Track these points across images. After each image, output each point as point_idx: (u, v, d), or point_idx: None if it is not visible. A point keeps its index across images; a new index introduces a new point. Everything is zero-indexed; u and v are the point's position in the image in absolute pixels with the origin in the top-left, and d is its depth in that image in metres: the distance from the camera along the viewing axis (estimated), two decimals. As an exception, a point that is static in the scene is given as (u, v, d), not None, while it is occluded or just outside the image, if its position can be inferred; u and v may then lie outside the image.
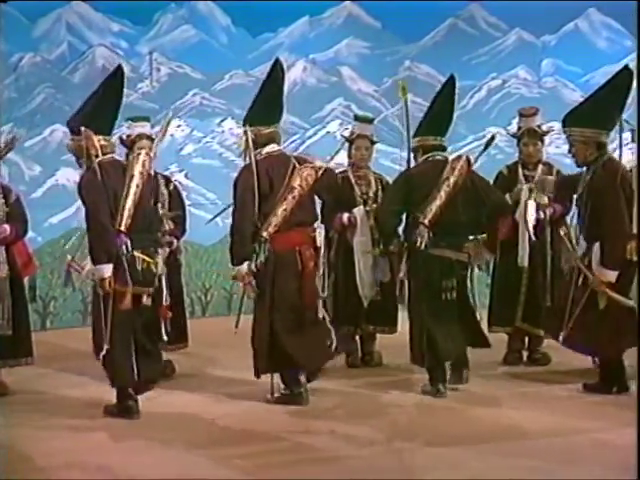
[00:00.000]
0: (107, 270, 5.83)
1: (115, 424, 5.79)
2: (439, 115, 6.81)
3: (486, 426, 5.77)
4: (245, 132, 6.43)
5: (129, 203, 5.92)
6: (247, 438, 5.55)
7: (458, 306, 6.61)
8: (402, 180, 6.79)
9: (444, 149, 6.81)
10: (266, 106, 6.43)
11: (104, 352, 5.89)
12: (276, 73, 6.50)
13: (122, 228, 5.86)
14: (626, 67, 6.59)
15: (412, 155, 6.73)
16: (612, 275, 6.31)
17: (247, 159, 6.39)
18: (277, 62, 6.53)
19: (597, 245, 6.37)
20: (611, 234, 6.34)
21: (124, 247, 5.88)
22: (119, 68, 6.21)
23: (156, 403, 6.32)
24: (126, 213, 5.89)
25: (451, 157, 6.81)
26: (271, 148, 6.41)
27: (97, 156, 5.96)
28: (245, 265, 6.19)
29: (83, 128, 5.95)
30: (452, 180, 6.59)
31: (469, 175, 6.68)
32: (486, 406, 6.28)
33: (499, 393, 6.60)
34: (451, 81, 6.83)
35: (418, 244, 6.47)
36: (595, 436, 5.48)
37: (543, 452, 5.18)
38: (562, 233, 7.13)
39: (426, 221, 6.48)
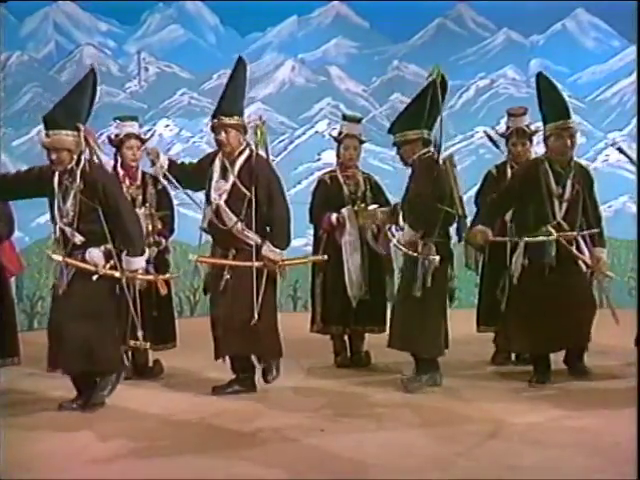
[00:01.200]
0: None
1: (101, 424, 5.77)
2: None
3: (474, 423, 5.76)
4: (258, 126, 6.55)
5: None
6: (235, 438, 5.54)
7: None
8: None
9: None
10: None
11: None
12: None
13: None
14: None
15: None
16: None
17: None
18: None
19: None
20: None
21: None
22: (92, 71, 6.22)
23: (143, 402, 6.31)
24: None
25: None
26: None
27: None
28: None
29: (80, 125, 5.97)
30: None
31: None
32: (475, 405, 6.27)
33: (487, 392, 6.60)
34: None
35: None
36: (584, 436, 5.50)
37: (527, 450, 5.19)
38: None
39: None
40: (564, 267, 6.67)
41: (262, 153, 6.61)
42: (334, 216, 7.42)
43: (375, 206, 7.05)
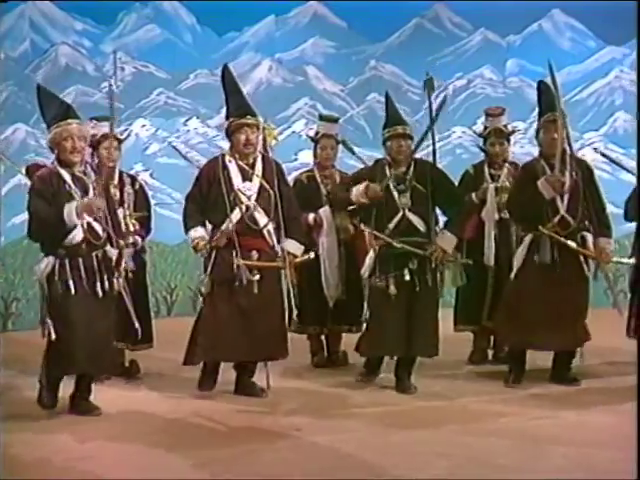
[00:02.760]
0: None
1: (79, 425, 5.74)
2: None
3: (452, 422, 5.77)
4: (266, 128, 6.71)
5: None
6: (212, 438, 5.53)
7: None
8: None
9: None
10: None
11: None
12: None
13: None
14: None
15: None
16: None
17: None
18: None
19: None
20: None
21: None
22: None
23: (120, 403, 6.29)
24: None
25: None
26: None
27: None
28: None
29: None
30: None
31: None
32: (453, 404, 6.28)
33: (465, 391, 6.61)
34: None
35: None
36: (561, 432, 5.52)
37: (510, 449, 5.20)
38: None
39: None
40: (566, 266, 6.65)
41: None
42: (311, 216, 7.41)
43: None
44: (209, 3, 11.09)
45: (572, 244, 6.62)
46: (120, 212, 6.86)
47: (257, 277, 6.36)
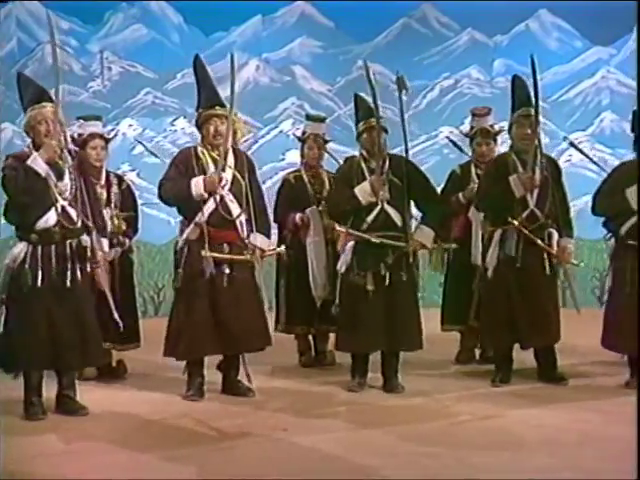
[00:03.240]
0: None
1: (64, 426, 5.72)
2: None
3: (438, 422, 5.78)
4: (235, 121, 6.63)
5: None
6: (200, 438, 5.52)
7: None
8: None
9: None
10: None
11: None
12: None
13: None
14: None
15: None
16: None
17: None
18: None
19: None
20: None
21: None
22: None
23: (107, 403, 6.27)
24: None
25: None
26: None
27: None
28: None
29: None
30: None
31: None
32: (438, 403, 6.29)
33: (451, 391, 6.62)
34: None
35: None
36: (548, 431, 5.54)
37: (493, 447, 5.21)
38: None
39: None
40: (531, 262, 6.69)
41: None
42: (298, 216, 7.42)
43: None
44: (196, 3, 11.09)
45: (539, 242, 6.66)
46: (107, 212, 6.87)
47: (227, 270, 6.35)
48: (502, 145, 8.01)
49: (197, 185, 6.28)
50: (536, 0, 11.84)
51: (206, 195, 6.28)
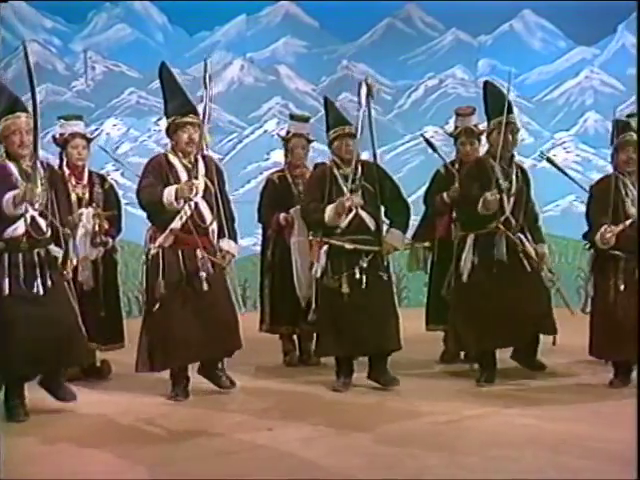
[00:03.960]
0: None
1: (46, 427, 5.69)
2: None
3: (423, 422, 5.78)
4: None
5: None
6: (185, 437, 5.50)
7: None
8: None
9: None
10: None
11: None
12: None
13: None
14: None
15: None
16: None
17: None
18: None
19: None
20: None
21: None
22: None
23: (91, 403, 6.24)
24: None
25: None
26: None
27: None
28: None
29: None
30: None
31: None
32: (423, 403, 6.28)
33: (436, 390, 6.62)
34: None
35: None
36: (531, 430, 5.54)
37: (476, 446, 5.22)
38: None
39: None
40: (512, 263, 6.70)
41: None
42: (282, 216, 7.41)
43: None
44: (180, 3, 11.07)
45: (526, 244, 6.68)
46: (90, 211, 6.85)
47: (204, 275, 6.34)
48: (486, 145, 8.03)
49: (169, 194, 6.24)
50: (520, 0, 11.87)
51: (178, 204, 6.24)
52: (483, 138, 7.76)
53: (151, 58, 11.38)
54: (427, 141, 8.05)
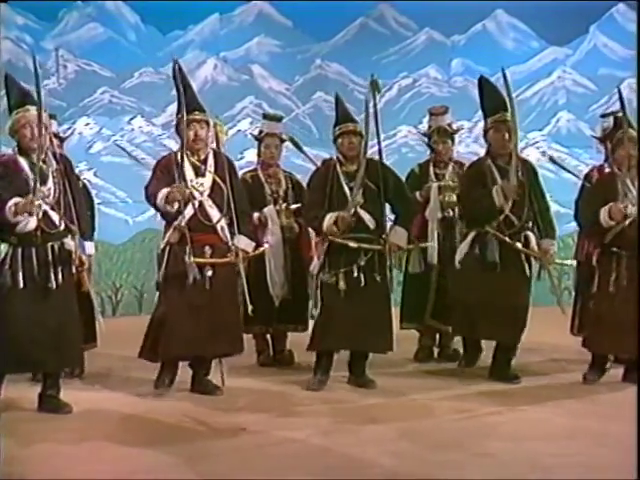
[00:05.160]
0: None
1: (22, 428, 5.66)
2: None
3: (397, 421, 5.79)
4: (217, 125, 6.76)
5: None
6: (157, 436, 5.48)
7: None
8: None
9: None
10: None
11: None
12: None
13: None
14: None
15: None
16: None
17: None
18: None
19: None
20: None
21: None
22: None
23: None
24: None
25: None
26: None
27: None
28: None
29: None
30: None
31: None
32: (397, 402, 6.30)
33: (410, 389, 6.63)
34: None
35: None
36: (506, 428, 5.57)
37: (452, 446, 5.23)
38: None
39: None
40: (508, 266, 6.70)
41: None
42: (255, 215, 7.39)
43: None
44: (153, 2, 11.03)
45: (518, 245, 6.69)
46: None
47: (210, 273, 6.35)
48: (460, 144, 8.07)
49: (161, 198, 6.28)
50: (493, 0, 11.91)
51: (172, 207, 6.26)
52: (457, 137, 7.81)
53: (124, 57, 11.39)
54: (424, 134, 7.95)
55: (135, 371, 6.65)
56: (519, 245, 6.70)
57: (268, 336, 7.67)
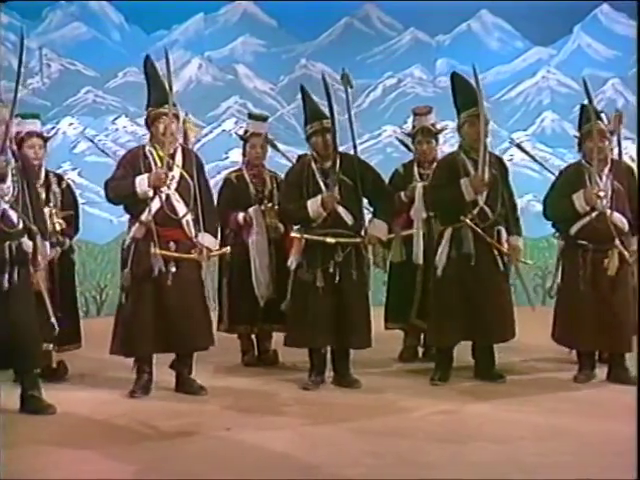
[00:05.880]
0: None
1: (4, 429, 5.64)
2: None
3: (381, 420, 5.80)
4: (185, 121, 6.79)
5: None
6: (142, 437, 5.48)
7: None
8: None
9: None
10: None
11: None
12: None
13: None
14: None
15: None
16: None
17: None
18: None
19: None
20: None
21: None
22: None
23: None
24: None
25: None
26: None
27: None
28: None
29: None
30: None
31: None
32: (381, 401, 6.30)
33: (395, 389, 6.64)
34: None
35: None
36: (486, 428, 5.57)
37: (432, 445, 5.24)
38: None
39: None
40: (486, 260, 6.71)
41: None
42: (241, 215, 7.39)
43: None
44: (137, 2, 11.00)
45: (489, 239, 6.69)
46: (46, 210, 6.78)
47: (173, 269, 6.34)
48: (444, 144, 8.07)
49: (142, 182, 6.29)
50: (478, 0, 11.92)
51: (151, 192, 6.27)
52: (441, 137, 7.82)
53: (108, 57, 11.35)
54: (409, 134, 7.98)
55: (120, 371, 6.63)
56: (489, 239, 6.69)
57: (253, 336, 7.67)
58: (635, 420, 4.73)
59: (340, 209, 6.62)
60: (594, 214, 6.62)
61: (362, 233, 6.71)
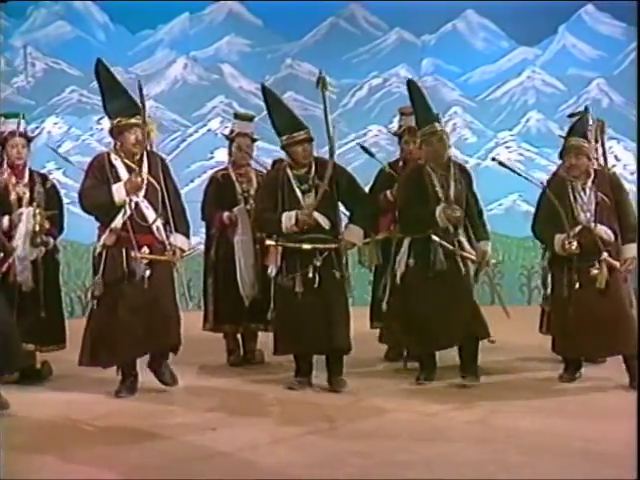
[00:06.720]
0: None
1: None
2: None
3: (366, 420, 5.79)
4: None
5: None
6: (127, 437, 5.46)
7: None
8: None
9: None
10: None
11: None
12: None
13: None
14: None
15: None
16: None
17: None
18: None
19: None
20: None
21: None
22: None
23: (31, 405, 6.16)
24: None
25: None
26: None
27: None
28: None
29: None
30: None
31: None
32: (367, 401, 6.29)
33: (380, 388, 6.64)
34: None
35: None
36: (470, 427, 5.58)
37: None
38: None
39: None
40: (448, 268, 6.69)
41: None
42: (226, 215, 7.38)
43: None
44: (122, 2, 10.98)
45: (464, 252, 6.70)
46: (29, 210, 6.76)
47: (148, 272, 6.34)
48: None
49: (119, 190, 6.29)
50: (463, 0, 11.94)
51: (128, 200, 6.28)
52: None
53: (93, 56, 11.23)
54: (364, 148, 8.02)
55: (104, 372, 6.60)
56: (463, 251, 6.69)
57: (239, 336, 7.65)
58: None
59: (316, 214, 6.60)
60: (577, 229, 6.59)
61: (340, 237, 6.68)
